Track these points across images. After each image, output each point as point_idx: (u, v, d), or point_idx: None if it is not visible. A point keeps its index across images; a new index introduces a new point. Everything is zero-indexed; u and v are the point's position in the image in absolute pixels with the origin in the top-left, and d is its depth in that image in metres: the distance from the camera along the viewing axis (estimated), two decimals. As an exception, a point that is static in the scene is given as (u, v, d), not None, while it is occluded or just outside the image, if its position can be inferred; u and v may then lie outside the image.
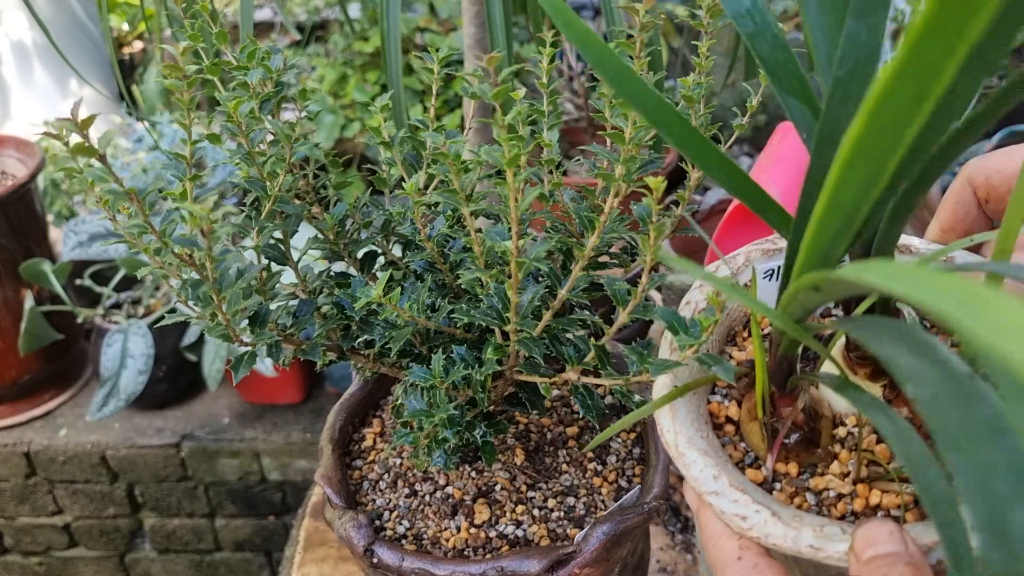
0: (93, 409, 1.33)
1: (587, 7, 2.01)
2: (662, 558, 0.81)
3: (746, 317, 0.46)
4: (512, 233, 0.39)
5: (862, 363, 0.38)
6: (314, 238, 0.52)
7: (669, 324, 0.37)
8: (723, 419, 0.41)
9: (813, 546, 0.33)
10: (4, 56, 1.95)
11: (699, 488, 0.36)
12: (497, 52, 0.35)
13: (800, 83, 0.34)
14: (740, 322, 0.45)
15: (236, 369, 0.43)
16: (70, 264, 1.37)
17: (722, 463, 0.37)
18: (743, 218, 0.89)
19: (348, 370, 1.47)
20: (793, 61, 0.35)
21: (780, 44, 0.34)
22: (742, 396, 0.41)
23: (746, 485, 0.36)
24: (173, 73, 0.37)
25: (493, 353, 0.44)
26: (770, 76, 0.34)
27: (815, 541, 0.33)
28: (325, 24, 2.18)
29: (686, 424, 0.38)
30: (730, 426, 0.41)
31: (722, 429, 0.41)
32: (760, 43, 0.34)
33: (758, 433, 0.39)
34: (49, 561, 1.64)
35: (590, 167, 0.51)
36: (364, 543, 0.49)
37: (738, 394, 0.42)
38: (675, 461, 0.37)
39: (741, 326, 0.46)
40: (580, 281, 0.43)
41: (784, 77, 0.34)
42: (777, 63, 0.34)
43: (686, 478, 0.37)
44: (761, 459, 0.39)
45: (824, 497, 0.38)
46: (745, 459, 0.40)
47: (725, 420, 0.41)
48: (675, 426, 0.37)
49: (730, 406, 0.41)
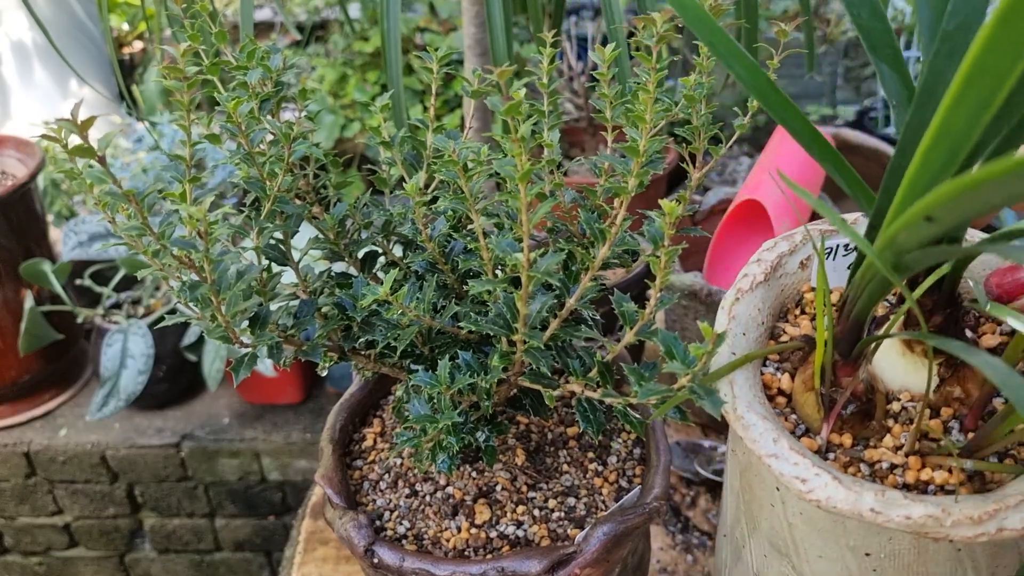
0: (93, 409, 1.33)
1: (587, 7, 2.01)
2: (662, 558, 0.81)
3: (799, 295, 0.46)
4: (523, 245, 0.38)
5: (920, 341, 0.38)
6: (315, 238, 0.52)
7: (667, 349, 0.38)
8: (775, 391, 0.42)
9: (874, 510, 0.33)
10: (4, 56, 1.95)
11: (759, 451, 0.36)
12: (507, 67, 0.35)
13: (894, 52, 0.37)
14: (792, 299, 0.46)
15: (236, 371, 0.43)
16: (70, 264, 1.37)
17: (780, 428, 0.37)
18: (743, 217, 0.89)
19: (348, 370, 1.47)
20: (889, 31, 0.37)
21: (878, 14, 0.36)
22: (795, 369, 0.42)
23: (804, 451, 0.36)
24: (173, 74, 0.37)
25: (499, 361, 0.44)
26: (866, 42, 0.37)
27: (876, 505, 0.33)
28: (325, 24, 2.18)
29: (744, 389, 0.39)
30: (781, 398, 0.41)
31: (773, 400, 0.41)
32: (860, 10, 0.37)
33: (813, 404, 0.39)
34: (49, 561, 1.64)
35: (591, 167, 0.51)
36: (364, 543, 0.49)
37: (791, 367, 0.42)
38: (733, 425, 0.38)
39: (793, 304, 0.46)
40: (589, 291, 0.43)
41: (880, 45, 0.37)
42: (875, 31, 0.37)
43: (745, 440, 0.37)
44: (814, 430, 0.40)
45: (877, 469, 0.38)
46: (796, 431, 0.40)
47: (777, 392, 0.41)
48: (734, 391, 0.38)
49: (782, 378, 0.42)
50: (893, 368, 0.40)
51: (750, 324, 0.43)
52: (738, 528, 0.49)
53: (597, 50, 0.46)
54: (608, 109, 0.49)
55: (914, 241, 0.30)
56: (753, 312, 0.43)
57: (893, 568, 0.38)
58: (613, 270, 0.76)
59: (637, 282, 0.83)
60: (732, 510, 0.50)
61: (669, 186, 1.30)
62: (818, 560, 0.41)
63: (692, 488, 0.89)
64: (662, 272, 0.39)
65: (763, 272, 0.45)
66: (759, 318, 0.43)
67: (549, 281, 0.40)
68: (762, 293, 0.44)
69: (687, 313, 0.87)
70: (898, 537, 0.37)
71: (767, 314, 0.44)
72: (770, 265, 0.45)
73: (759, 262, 0.45)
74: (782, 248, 0.46)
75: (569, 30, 1.43)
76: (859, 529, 0.37)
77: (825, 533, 0.39)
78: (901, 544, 0.37)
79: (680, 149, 0.51)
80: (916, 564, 0.38)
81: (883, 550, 0.38)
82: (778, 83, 0.40)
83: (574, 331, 0.44)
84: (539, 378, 0.47)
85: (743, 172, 1.64)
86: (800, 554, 0.42)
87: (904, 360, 0.39)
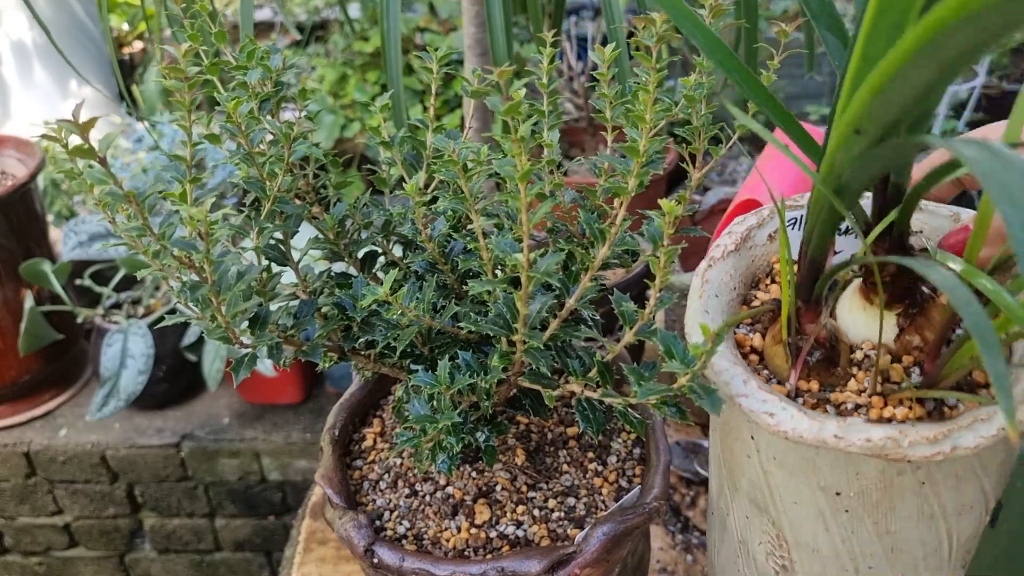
0: (93, 409, 1.33)
1: (587, 7, 2.01)
2: (662, 558, 0.81)
3: (769, 265, 0.49)
4: (523, 246, 0.38)
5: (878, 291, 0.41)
6: (314, 238, 0.52)
7: (666, 348, 0.38)
8: (748, 349, 0.44)
9: (837, 435, 0.35)
10: (4, 56, 1.95)
11: (730, 392, 0.39)
12: (508, 66, 0.35)
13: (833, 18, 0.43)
14: (763, 270, 0.49)
15: (236, 371, 0.43)
16: (70, 264, 1.37)
17: (750, 372, 0.40)
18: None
19: (348, 370, 1.47)
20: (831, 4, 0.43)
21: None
22: (766, 329, 0.44)
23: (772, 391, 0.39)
24: (174, 74, 0.37)
25: (499, 361, 0.44)
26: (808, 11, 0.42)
27: (838, 431, 0.36)
28: (325, 24, 2.18)
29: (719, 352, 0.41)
30: (754, 356, 0.44)
31: (747, 359, 0.44)
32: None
33: (782, 355, 0.42)
34: (49, 561, 1.64)
35: (591, 167, 0.51)
36: (364, 543, 0.49)
37: (762, 328, 0.45)
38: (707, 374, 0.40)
39: (764, 273, 0.49)
40: (589, 291, 0.43)
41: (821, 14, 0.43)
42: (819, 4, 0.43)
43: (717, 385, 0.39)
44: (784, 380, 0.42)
45: (842, 409, 0.40)
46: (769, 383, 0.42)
47: (750, 350, 0.44)
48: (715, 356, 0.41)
49: (754, 337, 0.45)
50: (855, 321, 0.43)
51: (722, 288, 0.46)
52: (722, 498, 0.51)
53: (597, 50, 0.46)
54: (608, 109, 0.50)
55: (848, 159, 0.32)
56: (725, 278, 0.46)
57: (862, 507, 0.40)
58: (613, 270, 0.76)
59: (637, 282, 0.83)
60: (716, 481, 0.52)
61: (669, 186, 1.30)
62: (793, 507, 0.43)
63: (692, 488, 0.89)
64: (661, 272, 0.39)
65: (734, 243, 0.47)
66: (731, 284, 0.46)
67: (549, 281, 0.40)
68: (733, 261, 0.47)
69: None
70: (864, 471, 0.39)
71: (739, 281, 0.47)
72: (740, 236, 0.48)
73: (730, 234, 0.48)
74: (751, 222, 0.49)
75: (569, 30, 1.43)
76: (828, 466, 0.39)
77: (798, 474, 0.41)
78: (868, 480, 0.39)
79: (680, 149, 0.51)
80: (884, 501, 0.40)
81: (852, 487, 0.40)
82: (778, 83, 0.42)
83: (574, 331, 0.44)
84: (539, 378, 0.47)
85: (743, 172, 1.64)
86: (777, 504, 0.44)
87: (865, 314, 0.42)
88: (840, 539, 0.43)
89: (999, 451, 0.41)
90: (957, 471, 0.40)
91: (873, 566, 0.44)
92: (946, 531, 0.42)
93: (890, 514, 0.41)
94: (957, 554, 0.44)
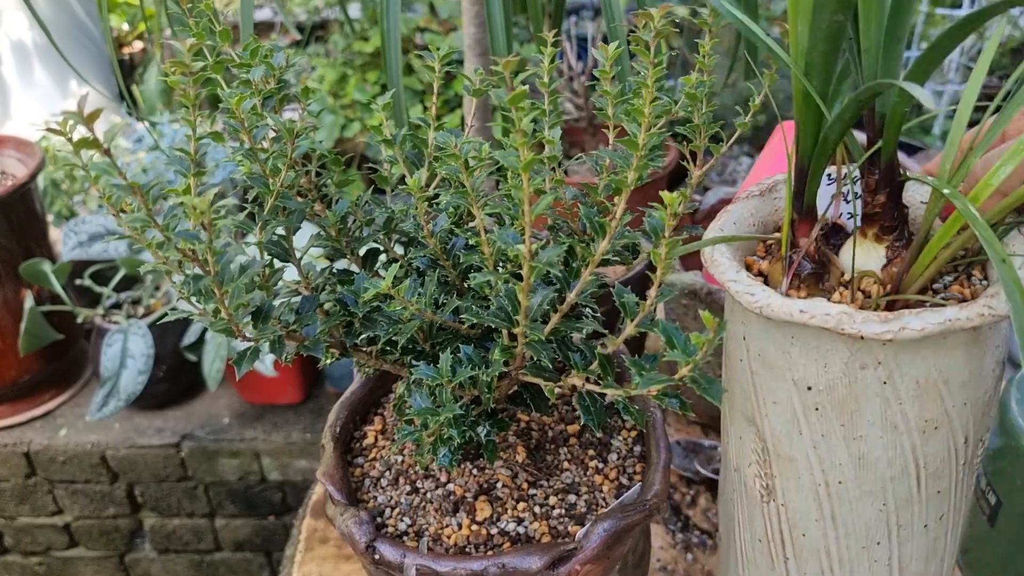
0: (93, 409, 1.34)
1: (587, 7, 2.01)
2: (662, 556, 0.81)
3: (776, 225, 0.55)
4: (525, 237, 0.39)
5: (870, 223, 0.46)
6: (316, 235, 0.53)
7: (667, 339, 0.39)
8: (756, 272, 0.50)
9: (802, 310, 0.41)
10: (4, 56, 1.95)
11: (722, 277, 0.45)
12: (512, 57, 0.35)
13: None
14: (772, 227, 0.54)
15: (239, 364, 0.43)
16: (70, 264, 1.37)
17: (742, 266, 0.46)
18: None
19: (348, 370, 1.47)
20: None
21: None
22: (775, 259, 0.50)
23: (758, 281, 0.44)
24: (179, 69, 0.37)
25: (500, 355, 0.44)
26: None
27: (804, 307, 0.41)
28: (325, 24, 2.19)
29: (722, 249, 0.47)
30: (759, 277, 0.49)
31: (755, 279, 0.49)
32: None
33: (780, 270, 0.47)
34: (49, 561, 1.64)
35: (592, 165, 0.52)
36: (366, 540, 0.49)
37: (772, 259, 0.50)
38: (707, 266, 0.46)
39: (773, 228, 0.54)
40: (589, 285, 0.43)
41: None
42: None
43: (714, 274, 0.46)
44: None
45: None
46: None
47: (757, 273, 0.50)
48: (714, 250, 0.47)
49: (763, 263, 0.50)
50: (848, 252, 0.47)
51: (741, 221, 0.51)
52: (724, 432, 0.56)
53: (600, 47, 0.46)
54: (610, 107, 0.50)
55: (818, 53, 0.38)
56: (745, 214, 0.52)
57: (831, 404, 0.45)
58: (613, 268, 0.77)
59: (637, 280, 0.83)
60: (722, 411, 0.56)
61: (670, 185, 1.30)
62: (772, 407, 0.47)
63: (692, 487, 0.89)
64: (663, 264, 0.39)
65: (759, 190, 0.53)
66: (750, 220, 0.52)
67: (550, 275, 0.40)
68: (756, 203, 0.53)
69: (687, 312, 0.88)
70: (831, 362, 0.43)
71: (758, 220, 0.53)
72: (767, 186, 0.53)
73: (758, 184, 0.54)
74: (778, 177, 0.55)
75: (569, 30, 1.44)
76: (800, 357, 0.44)
77: (776, 371, 0.46)
78: (834, 371, 0.43)
79: (681, 147, 0.51)
80: (850, 401, 0.44)
81: (821, 380, 0.44)
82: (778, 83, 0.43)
83: (575, 325, 0.45)
84: (540, 371, 0.47)
85: (743, 172, 1.64)
86: (759, 407, 0.48)
87: (859, 247, 0.47)
88: (812, 444, 0.47)
89: (959, 364, 0.43)
90: (917, 377, 0.42)
91: (843, 480, 0.47)
92: (911, 449, 0.45)
93: (856, 416, 0.44)
94: (928, 490, 0.47)
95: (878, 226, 0.46)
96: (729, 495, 0.57)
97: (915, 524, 0.48)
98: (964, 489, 0.49)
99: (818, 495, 0.48)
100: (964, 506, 0.50)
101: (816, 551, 0.51)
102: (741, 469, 0.53)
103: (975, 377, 0.44)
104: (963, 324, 0.40)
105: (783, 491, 0.50)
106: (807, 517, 0.50)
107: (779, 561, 0.53)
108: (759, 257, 0.51)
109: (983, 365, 0.44)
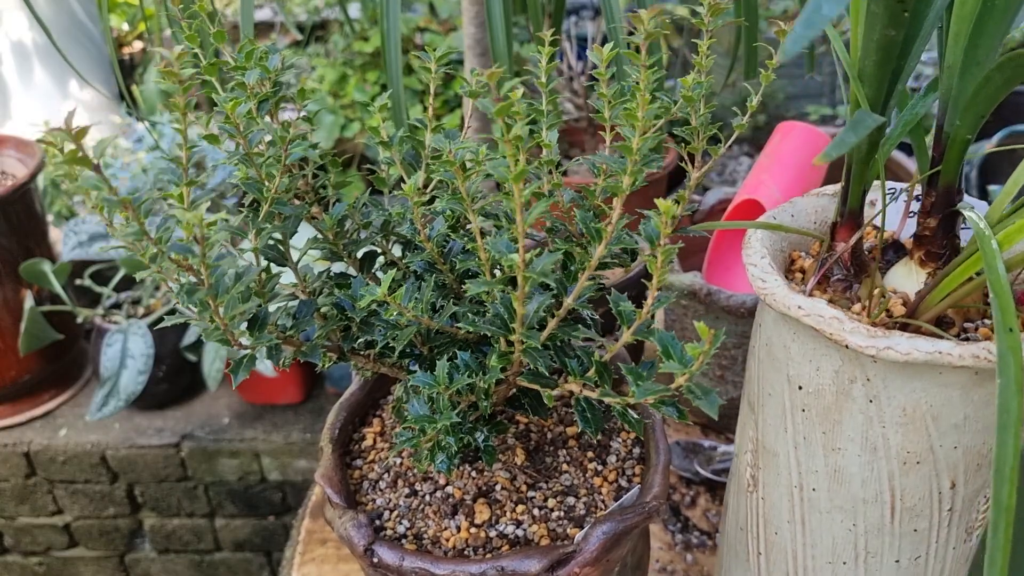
0: (93, 409, 1.33)
1: (587, 7, 2.01)
2: (662, 558, 0.81)
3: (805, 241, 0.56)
4: (518, 246, 0.38)
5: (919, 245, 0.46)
6: (313, 238, 0.52)
7: (663, 350, 0.38)
8: (798, 268, 0.51)
9: (800, 307, 0.41)
10: (4, 56, 1.95)
11: (747, 260, 0.47)
12: (498, 67, 0.35)
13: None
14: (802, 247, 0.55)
15: (235, 372, 0.43)
16: (70, 264, 1.37)
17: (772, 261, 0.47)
18: (743, 217, 0.89)
19: (348, 370, 1.47)
20: None
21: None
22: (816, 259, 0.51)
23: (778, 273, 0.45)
24: (169, 77, 0.37)
25: (497, 361, 0.44)
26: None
27: (803, 304, 0.41)
28: (325, 24, 2.18)
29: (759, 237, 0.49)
30: (799, 273, 0.50)
31: (793, 274, 0.51)
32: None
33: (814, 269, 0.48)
34: (49, 561, 1.64)
35: (590, 167, 0.51)
36: (364, 542, 0.49)
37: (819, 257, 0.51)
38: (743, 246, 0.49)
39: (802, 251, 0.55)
40: (586, 290, 0.43)
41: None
42: None
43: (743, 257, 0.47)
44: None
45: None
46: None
47: (799, 269, 0.51)
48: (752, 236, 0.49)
49: (807, 260, 0.51)
50: (895, 274, 0.47)
51: (800, 215, 0.53)
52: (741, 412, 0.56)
53: (595, 50, 0.46)
54: (608, 109, 0.49)
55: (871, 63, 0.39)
56: (809, 209, 0.54)
57: (816, 408, 0.45)
58: (612, 270, 0.76)
59: (635, 283, 0.83)
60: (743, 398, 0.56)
61: (669, 186, 1.30)
62: (768, 399, 0.48)
63: (692, 488, 0.89)
64: (659, 271, 0.39)
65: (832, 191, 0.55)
66: (812, 217, 0.54)
67: (546, 281, 0.40)
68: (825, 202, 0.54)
69: (686, 313, 0.88)
70: (823, 367, 0.43)
71: (821, 218, 0.54)
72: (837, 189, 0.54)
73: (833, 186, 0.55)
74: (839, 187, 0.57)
75: (569, 30, 1.43)
76: (798, 355, 0.44)
77: (776, 363, 0.46)
78: (824, 377, 0.43)
79: (679, 149, 0.51)
80: (834, 408, 0.44)
81: (811, 383, 0.44)
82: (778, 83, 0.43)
83: (572, 330, 0.44)
84: (537, 378, 0.47)
85: (743, 172, 1.64)
86: (759, 396, 0.49)
87: (904, 267, 0.47)
88: (794, 444, 0.47)
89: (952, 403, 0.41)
90: (904, 405, 0.42)
91: (817, 488, 0.47)
92: (888, 477, 0.44)
93: (838, 428, 0.44)
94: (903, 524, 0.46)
95: (925, 250, 0.45)
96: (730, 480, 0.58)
97: (885, 555, 0.47)
98: (949, 538, 0.47)
99: (792, 496, 0.48)
100: (949, 557, 0.48)
101: (784, 553, 0.51)
102: (739, 455, 0.54)
103: (972, 423, 0.42)
104: (954, 361, 0.38)
105: (764, 484, 0.51)
106: (780, 516, 0.50)
107: (753, 554, 0.54)
108: (808, 255, 0.52)
109: (986, 414, 0.42)
